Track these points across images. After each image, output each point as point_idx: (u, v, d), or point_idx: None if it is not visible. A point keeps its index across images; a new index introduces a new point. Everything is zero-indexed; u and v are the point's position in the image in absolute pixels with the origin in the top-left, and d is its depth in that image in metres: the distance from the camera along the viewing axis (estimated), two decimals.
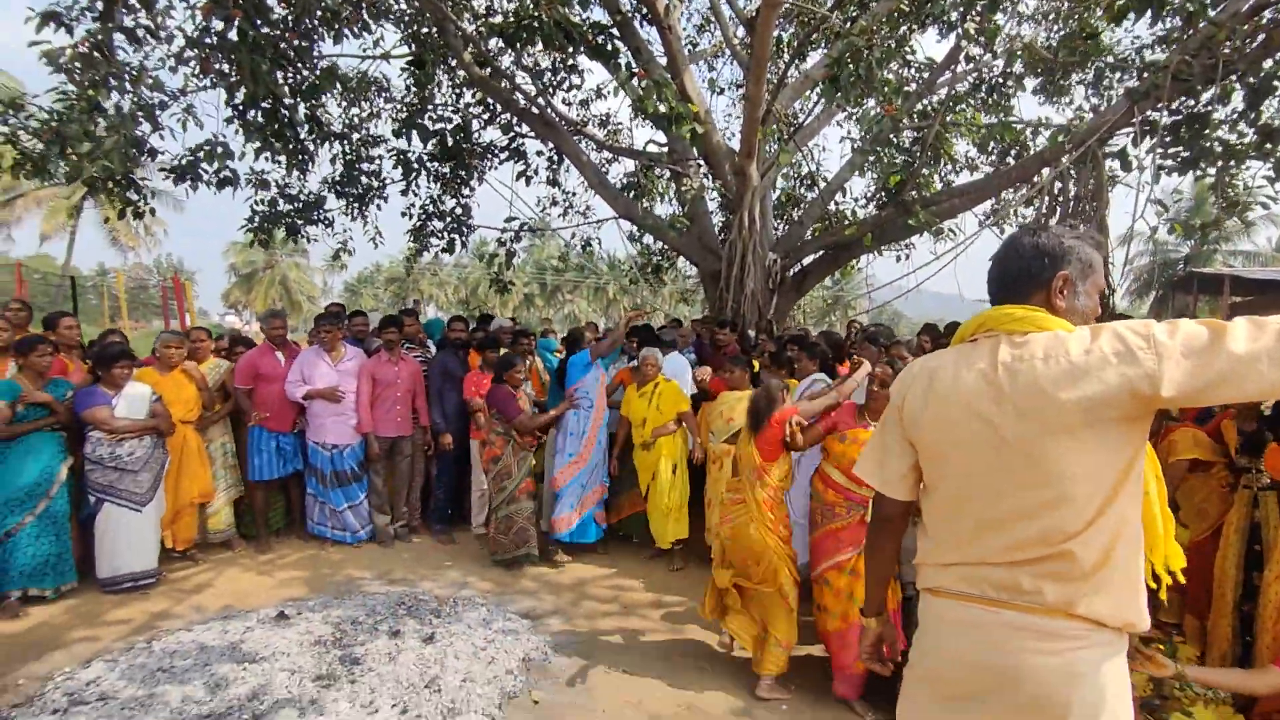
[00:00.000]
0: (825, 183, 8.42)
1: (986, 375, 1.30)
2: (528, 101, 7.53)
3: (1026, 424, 1.24)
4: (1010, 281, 1.38)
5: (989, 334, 1.36)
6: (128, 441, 3.84)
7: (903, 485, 1.48)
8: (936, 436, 1.37)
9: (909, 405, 1.43)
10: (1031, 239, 1.37)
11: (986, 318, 1.37)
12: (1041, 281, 1.34)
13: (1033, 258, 1.35)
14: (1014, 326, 1.32)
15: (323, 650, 3.19)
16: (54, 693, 2.78)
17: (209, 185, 7.15)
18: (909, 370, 1.49)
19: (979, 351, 1.35)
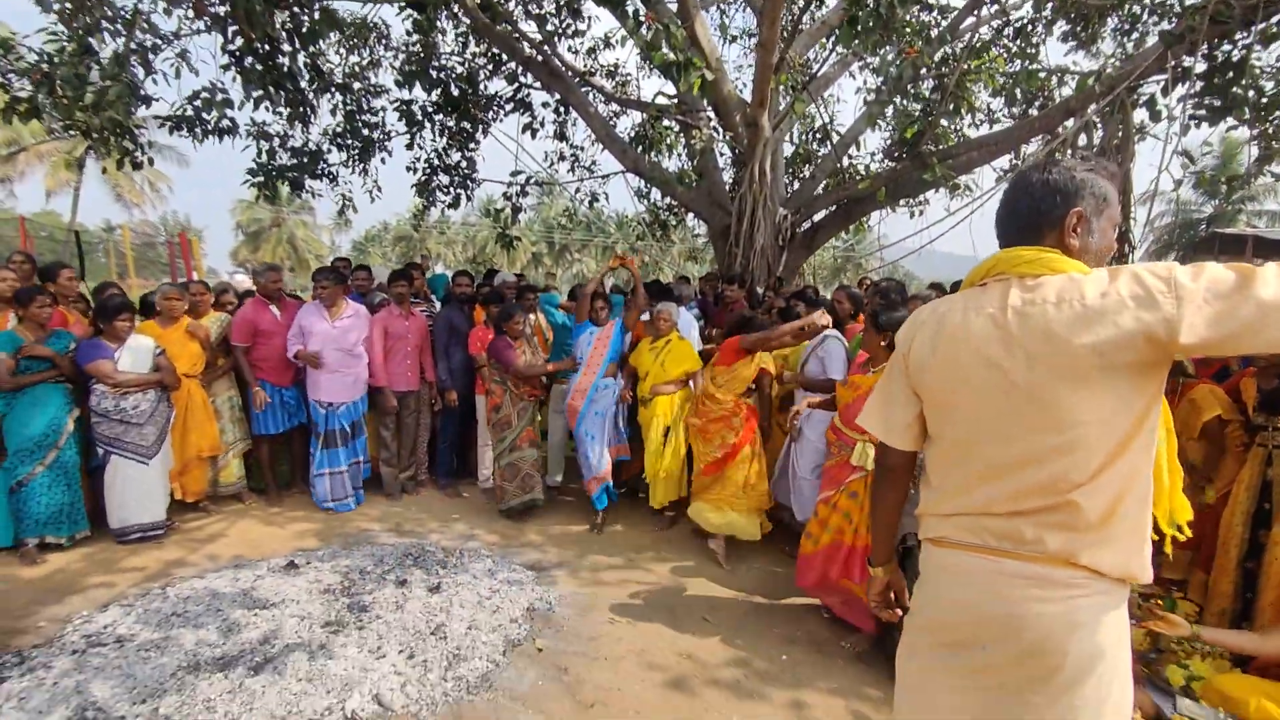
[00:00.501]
0: (839, 136, 8.17)
1: (996, 319, 1.25)
2: (533, 49, 7.29)
3: (1037, 369, 1.20)
4: (1021, 222, 1.31)
5: (999, 278, 1.30)
6: (132, 395, 3.85)
7: (907, 435, 1.45)
8: (943, 383, 1.33)
9: (915, 352, 1.38)
10: (1041, 175, 1.30)
11: (997, 261, 1.31)
12: (1054, 219, 1.27)
13: (1043, 195, 1.28)
14: (1025, 269, 1.26)
15: (331, 598, 3.25)
16: (72, 635, 2.86)
17: (209, 135, 7.04)
18: (916, 317, 1.43)
19: (988, 295, 1.29)
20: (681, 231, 11.50)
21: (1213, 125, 5.37)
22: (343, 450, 4.62)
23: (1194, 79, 5.20)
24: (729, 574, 3.88)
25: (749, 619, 3.35)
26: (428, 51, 7.98)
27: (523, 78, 7.99)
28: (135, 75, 5.93)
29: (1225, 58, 5.15)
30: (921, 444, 1.45)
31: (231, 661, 2.66)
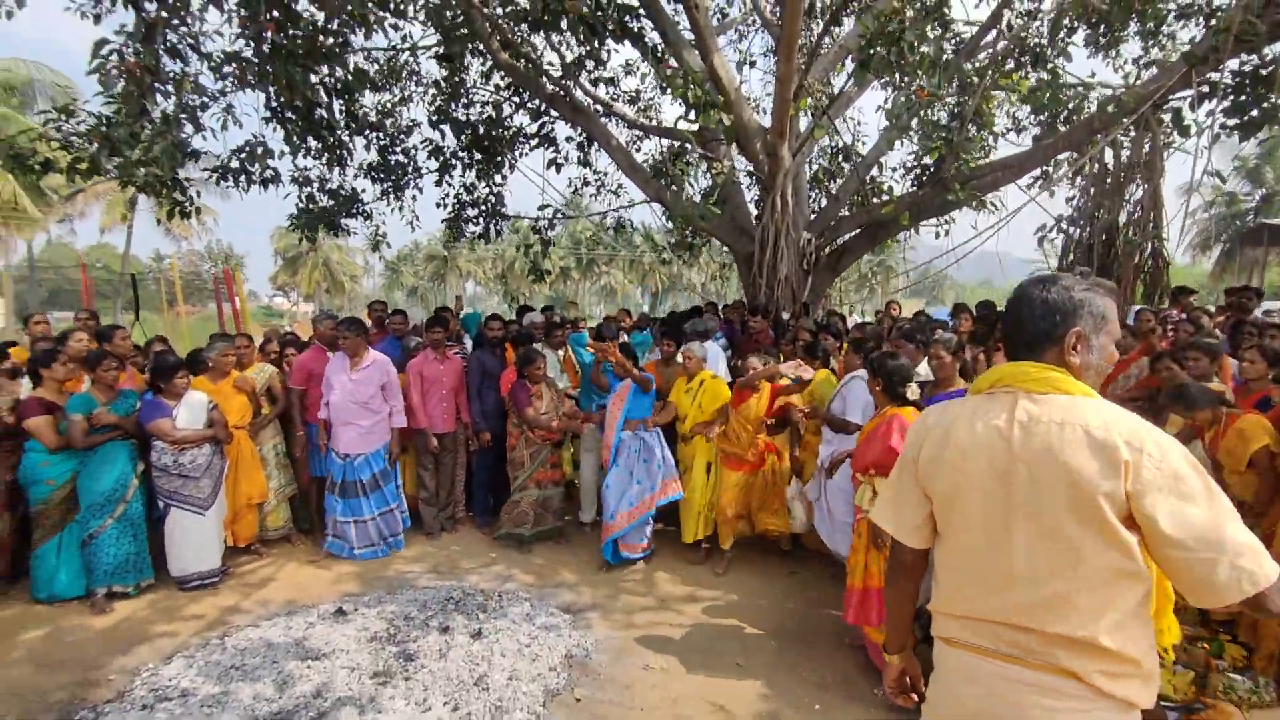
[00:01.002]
0: (860, 157, 8.18)
1: (1001, 431, 1.31)
2: (555, 86, 7.49)
3: (1037, 488, 1.25)
4: (1023, 338, 1.37)
5: (1007, 389, 1.35)
6: (189, 450, 4.08)
7: (918, 534, 1.50)
8: (951, 489, 1.38)
9: (924, 455, 1.44)
10: (1041, 293, 1.35)
11: (1004, 374, 1.37)
12: (1054, 338, 1.33)
13: (1043, 314, 1.34)
14: (1032, 386, 1.31)
15: (379, 646, 3.40)
16: (140, 689, 3.05)
17: (253, 184, 7.40)
18: (924, 420, 1.50)
19: (995, 405, 1.35)
20: (709, 249, 11.58)
21: (1244, 139, 5.26)
22: (365, 500, 4.63)
23: (1223, 91, 5.11)
24: (760, 611, 3.92)
25: (781, 662, 3.40)
26: (455, 89, 8.26)
27: (546, 114, 8.20)
28: (184, 133, 6.29)
29: (1254, 70, 5.06)
30: (932, 541, 1.50)
31: (287, 717, 2.82)
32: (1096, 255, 6.03)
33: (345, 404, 4.63)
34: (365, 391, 4.69)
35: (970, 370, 3.79)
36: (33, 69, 20.05)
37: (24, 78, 20.02)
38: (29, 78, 20.01)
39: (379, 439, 4.72)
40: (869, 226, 7.15)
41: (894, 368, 3.20)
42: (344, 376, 4.66)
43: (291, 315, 50.64)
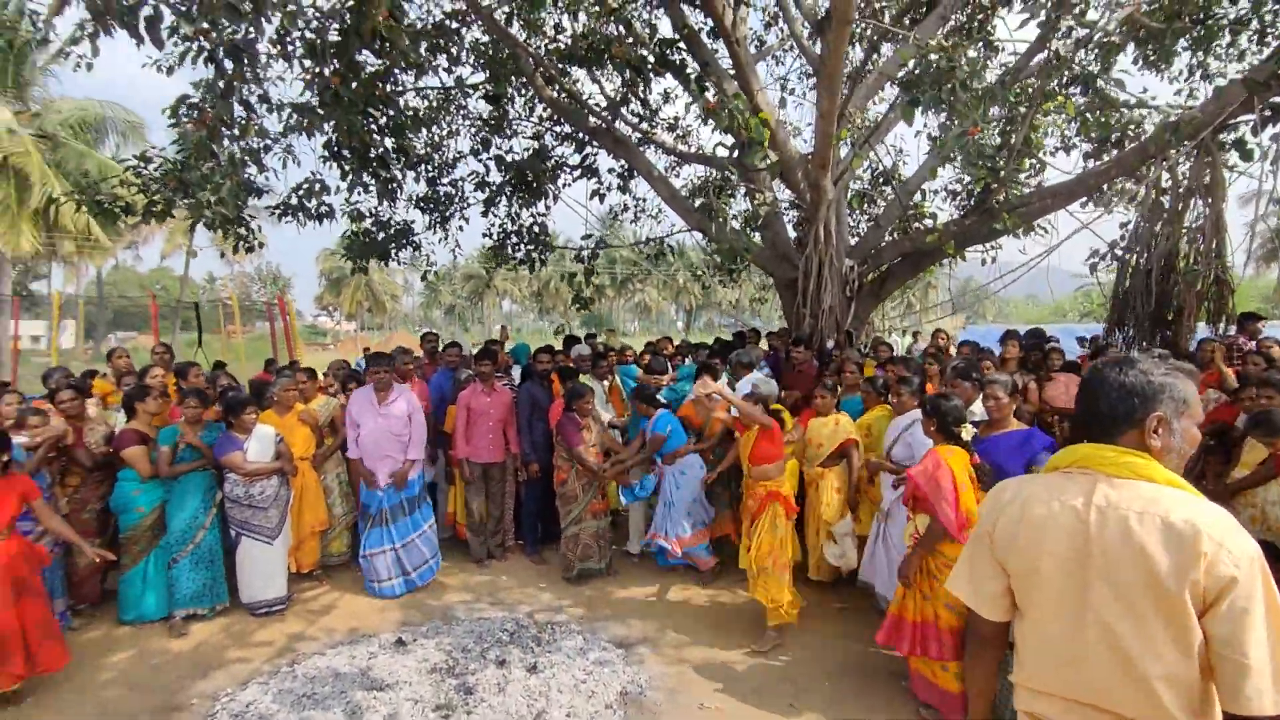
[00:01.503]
0: (902, 181, 8.14)
1: (1079, 513, 1.32)
2: (598, 120, 7.69)
3: (1113, 574, 1.27)
4: (1100, 421, 1.38)
5: (1084, 471, 1.37)
6: (258, 482, 4.30)
7: (997, 606, 1.50)
8: (1027, 566, 1.40)
9: (1000, 530, 1.46)
10: (1118, 377, 1.36)
11: (1082, 455, 1.39)
12: (1133, 422, 1.34)
13: (1120, 398, 1.35)
14: (1111, 470, 1.33)
15: (439, 679, 3.51)
16: (221, 715, 3.22)
17: (311, 220, 7.77)
18: (999, 495, 1.51)
19: (1073, 486, 1.37)
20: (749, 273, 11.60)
21: None
22: (396, 526, 4.70)
23: None
24: (811, 648, 3.91)
25: (835, 703, 3.38)
26: (499, 122, 8.55)
27: (590, 145, 8.41)
28: (249, 174, 6.68)
29: None
30: (1011, 614, 1.50)
31: None
32: (1154, 282, 5.86)
33: (380, 438, 4.73)
34: (397, 424, 4.78)
35: (1024, 411, 3.74)
36: (105, 108, 21.37)
37: (97, 115, 21.36)
38: (102, 115, 21.35)
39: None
40: (913, 254, 7.10)
41: (948, 409, 3.21)
42: (372, 413, 4.75)
43: (334, 335, 52.33)
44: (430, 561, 4.87)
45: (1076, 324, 20.64)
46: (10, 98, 20.26)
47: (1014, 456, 3.36)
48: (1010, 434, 3.43)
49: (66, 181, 18.87)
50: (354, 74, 5.31)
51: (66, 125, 20.82)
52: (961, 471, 3.03)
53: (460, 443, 5.12)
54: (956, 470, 3.03)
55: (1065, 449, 1.45)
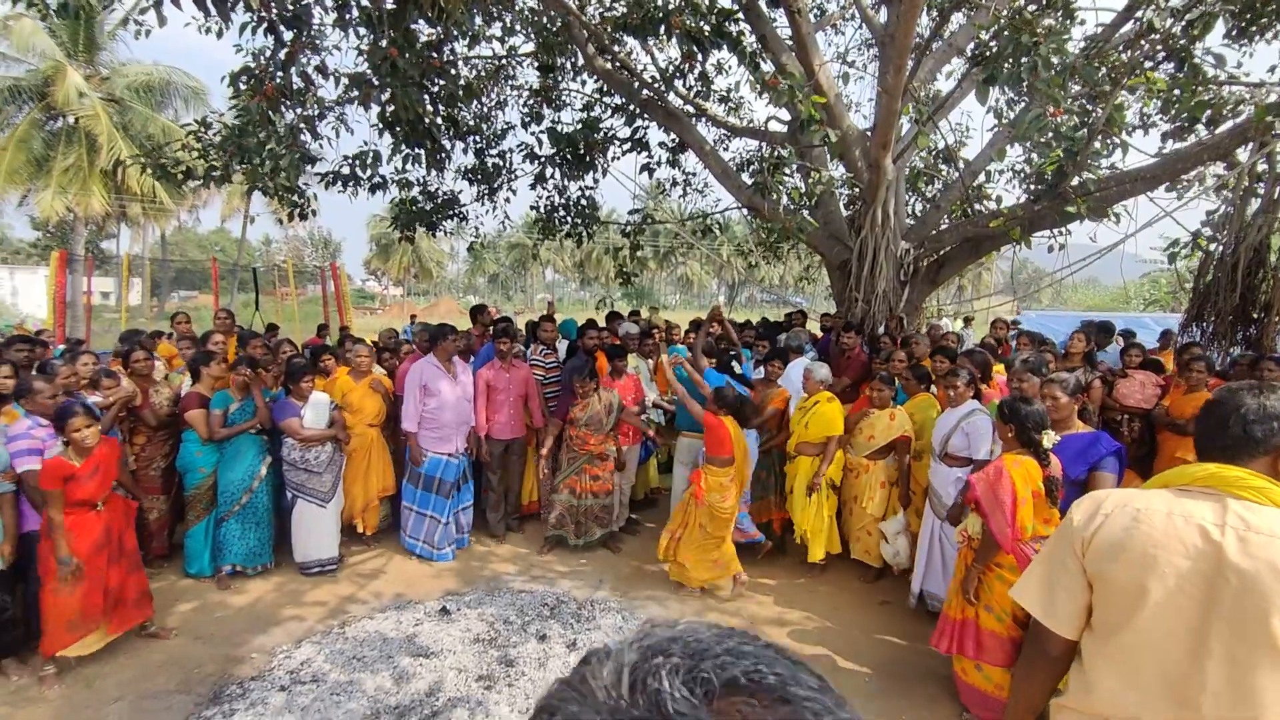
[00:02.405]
0: (966, 161, 7.76)
1: (1208, 533, 1.23)
2: (650, 92, 7.52)
3: (1248, 603, 1.18)
4: (1229, 442, 1.30)
5: (1208, 491, 1.28)
6: (314, 447, 4.44)
7: (1071, 623, 1.41)
8: (1132, 582, 1.30)
9: (1101, 540, 1.35)
10: (1258, 399, 1.29)
11: (1207, 475, 1.29)
12: (1270, 447, 1.27)
13: (1258, 420, 1.28)
14: (1244, 494, 1.24)
15: (481, 649, 3.60)
16: (279, 670, 3.38)
17: (364, 190, 7.88)
18: (1100, 502, 1.40)
19: (1200, 506, 1.27)
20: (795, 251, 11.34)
21: None
22: (452, 498, 4.90)
23: None
24: (852, 644, 3.87)
25: (877, 704, 3.34)
26: (548, 93, 8.46)
27: (641, 117, 8.25)
28: (305, 143, 6.79)
29: None
30: (1082, 632, 1.42)
31: (405, 712, 3.05)
32: (1241, 275, 5.47)
33: (460, 405, 4.93)
34: (469, 392, 5.04)
35: (1090, 413, 3.53)
36: (169, 73, 21.98)
37: (162, 80, 22.01)
38: (166, 80, 21.99)
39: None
40: (973, 238, 6.79)
41: (1029, 413, 3.00)
42: (448, 380, 4.92)
43: (382, 299, 53.61)
44: (466, 533, 5.09)
45: (1141, 313, 19.59)
46: (81, 62, 20.99)
47: (1077, 461, 3.20)
48: (1073, 437, 3.26)
49: (133, 144, 19.64)
50: (409, 44, 5.28)
51: (132, 89, 21.55)
52: (1024, 484, 2.90)
53: (480, 420, 5.19)
54: (1018, 482, 2.90)
55: (1179, 468, 1.36)
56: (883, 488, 4.51)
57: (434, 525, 4.87)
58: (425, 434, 4.87)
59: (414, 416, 4.84)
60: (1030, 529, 2.88)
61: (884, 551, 4.47)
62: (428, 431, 4.87)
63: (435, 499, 4.86)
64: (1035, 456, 2.95)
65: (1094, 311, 19.53)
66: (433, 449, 4.88)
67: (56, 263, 10.22)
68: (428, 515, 4.86)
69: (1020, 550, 2.95)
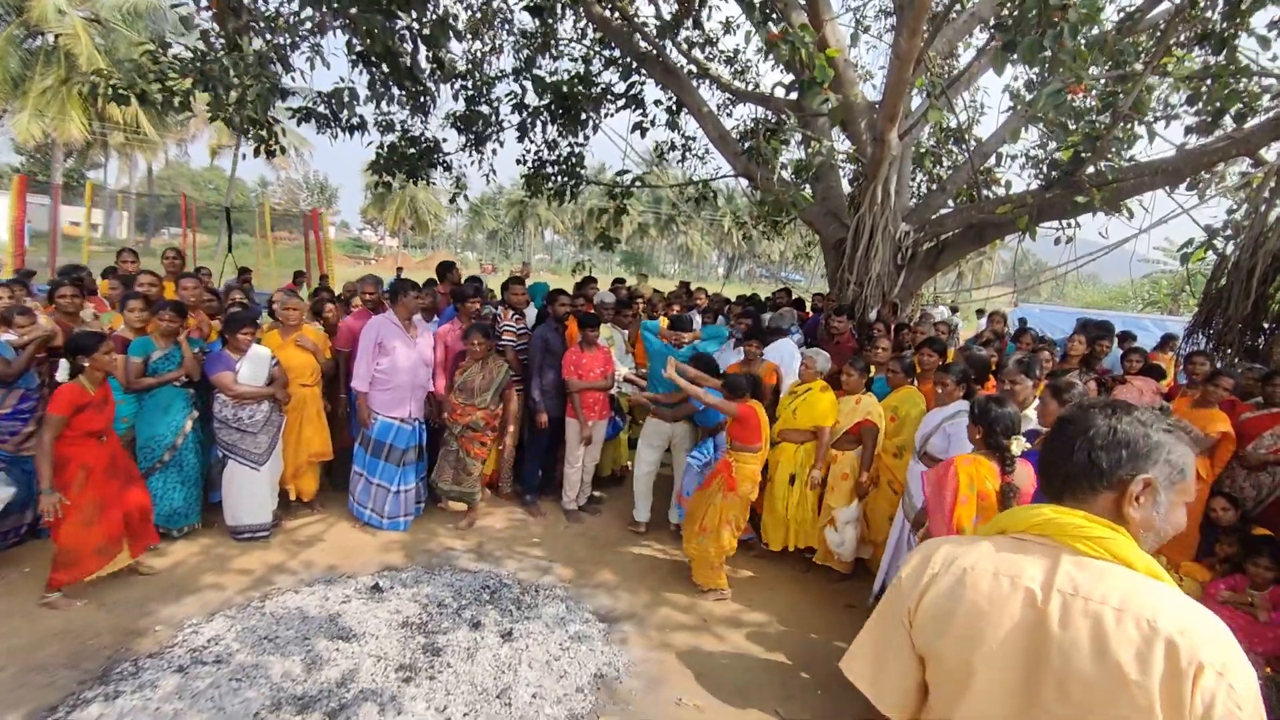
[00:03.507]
0: (977, 141, 7.32)
1: (1034, 599, 1.00)
2: (648, 44, 7.01)
3: (1073, 685, 0.95)
4: (1073, 471, 1.07)
5: (1043, 540, 1.05)
6: (248, 405, 4.10)
7: (902, 704, 1.17)
8: (958, 658, 1.06)
9: (926, 610, 1.11)
10: (1109, 422, 1.05)
11: (1042, 520, 1.06)
12: (1114, 481, 1.03)
13: (1107, 446, 1.04)
14: (1080, 545, 1.01)
15: (408, 635, 3.33)
16: (180, 648, 3.10)
17: (343, 131, 7.39)
18: (928, 556, 1.15)
19: (1029, 563, 1.04)
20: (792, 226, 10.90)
21: None
22: (405, 469, 4.61)
23: None
24: (809, 647, 3.63)
25: (826, 714, 3.11)
26: (545, 40, 7.91)
27: (637, 73, 7.74)
28: (275, 74, 6.28)
29: None
30: (919, 712, 1.18)
31: (309, 704, 2.78)
32: (1256, 282, 5.14)
33: (417, 366, 4.60)
34: (428, 355, 4.72)
35: None
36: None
37: (150, 3, 20.96)
38: (154, 3, 20.93)
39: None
40: (978, 224, 6.40)
41: (999, 416, 2.77)
42: (404, 339, 4.58)
43: (377, 249, 52.73)
44: (420, 506, 4.80)
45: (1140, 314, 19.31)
46: None
47: None
48: None
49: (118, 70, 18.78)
50: None
51: (118, 10, 20.53)
52: (968, 483, 2.70)
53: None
54: (963, 480, 2.70)
55: (1015, 510, 1.13)
56: (845, 479, 4.23)
57: (383, 493, 4.57)
58: (376, 395, 4.55)
59: (365, 376, 4.51)
60: (970, 531, 2.64)
61: (829, 538, 4.23)
62: (379, 393, 4.54)
63: (384, 465, 4.56)
64: (1000, 463, 2.69)
65: (1092, 309, 19.23)
66: (384, 412, 4.56)
67: (16, 188, 9.67)
68: (375, 482, 4.57)
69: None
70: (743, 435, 3.96)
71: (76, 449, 3.32)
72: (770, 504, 4.44)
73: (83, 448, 3.34)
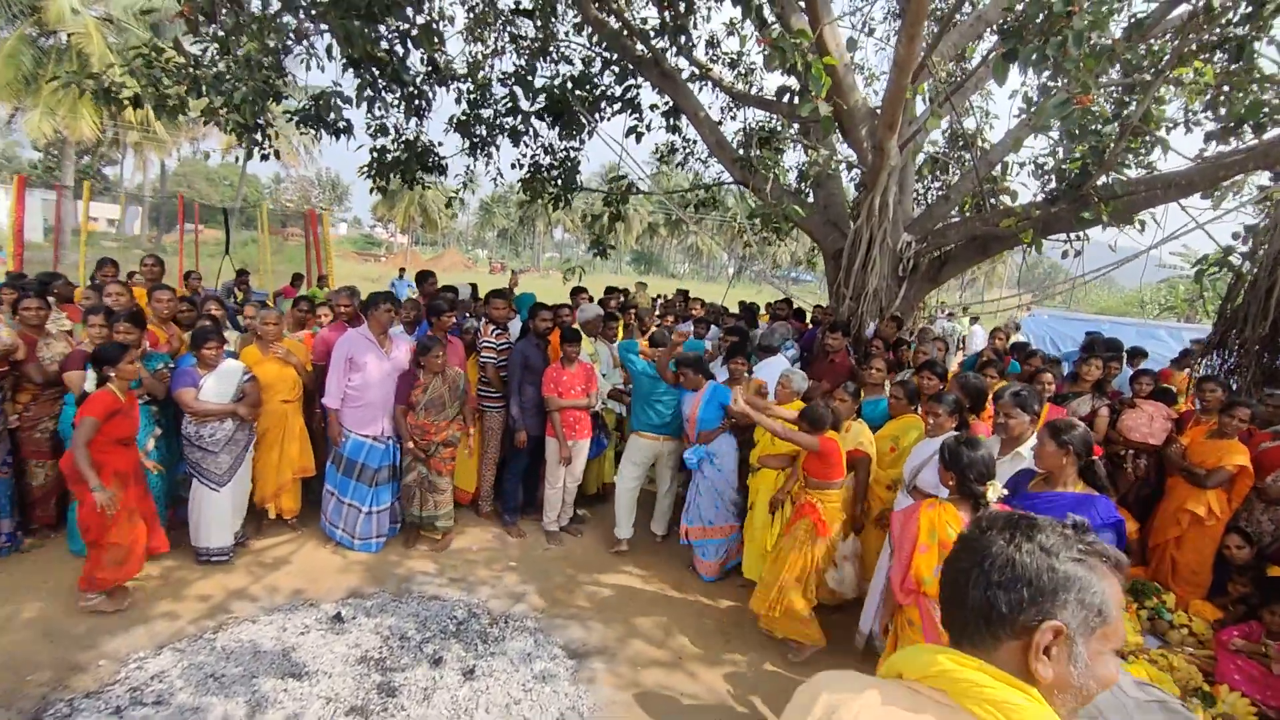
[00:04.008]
0: (982, 149, 7.05)
1: None
2: (645, 48, 6.82)
3: None
4: (968, 614, 0.87)
5: (939, 695, 0.84)
6: (210, 423, 3.96)
7: None
8: None
9: None
10: (1005, 549, 0.86)
11: (940, 673, 0.84)
12: (1015, 627, 0.83)
13: (1004, 583, 0.84)
14: (979, 711, 0.80)
15: (364, 672, 3.17)
16: (120, 686, 2.96)
17: (329, 134, 7.26)
18: (803, 705, 0.94)
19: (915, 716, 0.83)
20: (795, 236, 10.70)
21: None
22: (379, 489, 4.46)
23: None
24: (785, 690, 3.43)
25: None
26: (543, 44, 7.74)
27: (633, 77, 7.55)
28: (266, 77, 6.18)
29: None
30: None
31: None
32: (1275, 300, 4.87)
33: (387, 383, 4.44)
34: (404, 369, 4.54)
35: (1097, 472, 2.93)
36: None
37: (163, 3, 21.01)
38: (165, 4, 20.99)
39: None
40: (982, 236, 6.15)
41: (971, 461, 2.57)
42: (376, 354, 4.41)
43: (388, 246, 52.89)
44: (395, 527, 4.66)
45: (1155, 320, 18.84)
46: None
47: None
48: (1063, 496, 2.73)
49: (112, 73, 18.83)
50: None
51: (130, 11, 20.61)
52: (929, 531, 2.55)
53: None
54: (923, 528, 2.55)
55: (914, 651, 0.91)
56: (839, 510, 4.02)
57: (354, 513, 4.42)
58: (348, 412, 4.40)
59: (336, 393, 4.36)
60: (934, 583, 2.46)
61: (829, 576, 4.02)
62: (350, 409, 4.39)
63: (356, 485, 4.41)
64: (973, 511, 2.49)
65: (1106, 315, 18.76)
66: (355, 430, 4.41)
67: (15, 187, 9.65)
68: (346, 502, 4.42)
69: (922, 604, 2.60)
70: (824, 471, 3.66)
71: (110, 456, 3.43)
72: (750, 533, 4.27)
73: (114, 454, 3.47)
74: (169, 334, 4.51)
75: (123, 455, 3.53)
